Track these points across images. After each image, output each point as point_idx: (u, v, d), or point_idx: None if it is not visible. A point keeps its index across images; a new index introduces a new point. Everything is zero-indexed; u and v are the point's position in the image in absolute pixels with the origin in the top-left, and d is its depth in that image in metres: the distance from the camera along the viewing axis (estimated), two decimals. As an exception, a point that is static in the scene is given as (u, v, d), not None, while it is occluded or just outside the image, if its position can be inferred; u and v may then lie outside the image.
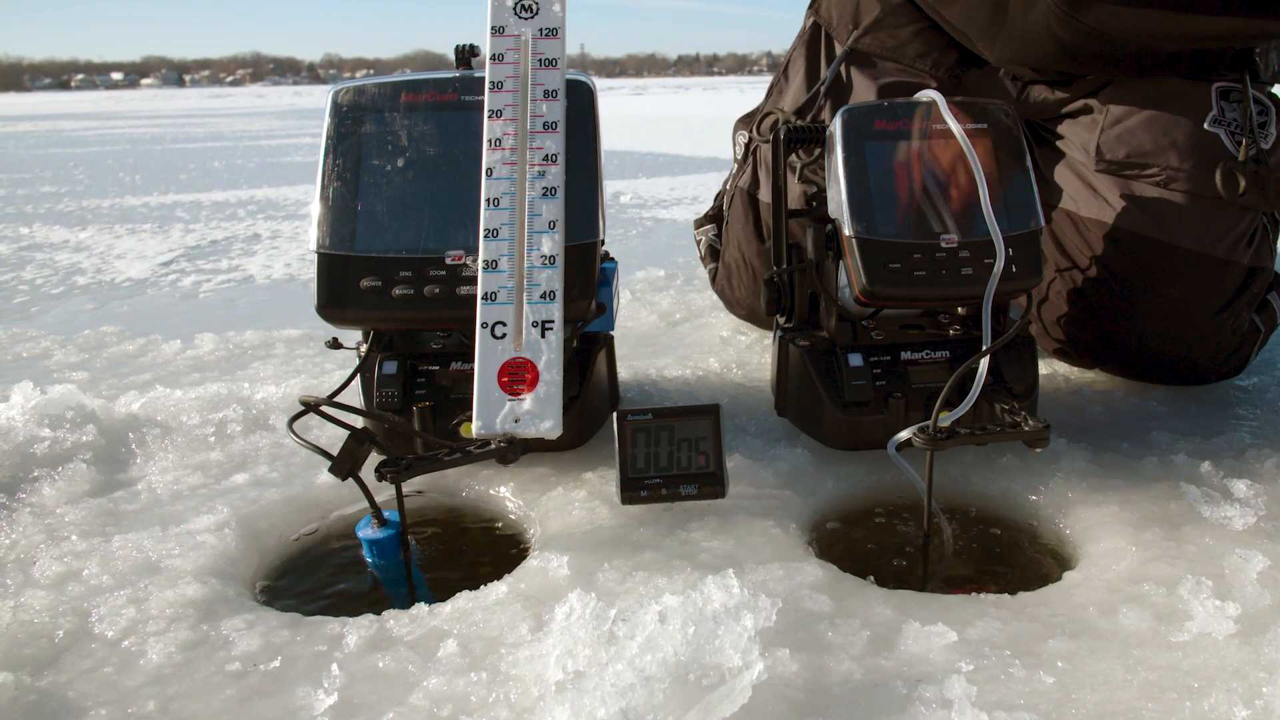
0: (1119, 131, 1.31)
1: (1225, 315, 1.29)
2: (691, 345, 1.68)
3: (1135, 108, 1.30)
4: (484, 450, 0.93)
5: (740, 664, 0.66)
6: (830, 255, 1.11)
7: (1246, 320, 1.32)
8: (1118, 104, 1.32)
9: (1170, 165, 1.26)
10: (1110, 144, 1.31)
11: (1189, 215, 1.26)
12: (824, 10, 1.51)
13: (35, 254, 2.86)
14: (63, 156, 6.69)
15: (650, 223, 3.29)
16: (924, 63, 1.40)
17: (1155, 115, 1.29)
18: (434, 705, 0.71)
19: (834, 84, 1.46)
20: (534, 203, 0.96)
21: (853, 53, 1.45)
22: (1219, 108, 1.28)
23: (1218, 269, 1.26)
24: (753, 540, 0.93)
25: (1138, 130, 1.29)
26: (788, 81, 1.56)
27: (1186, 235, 1.26)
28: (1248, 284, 1.29)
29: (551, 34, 0.99)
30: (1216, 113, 1.28)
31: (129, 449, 1.20)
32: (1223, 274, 1.27)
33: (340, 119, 1.05)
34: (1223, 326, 1.29)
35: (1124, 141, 1.30)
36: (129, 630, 0.81)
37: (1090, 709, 0.69)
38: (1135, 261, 1.28)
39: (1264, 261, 1.31)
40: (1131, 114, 1.30)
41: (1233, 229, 1.27)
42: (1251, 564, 0.85)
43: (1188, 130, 1.27)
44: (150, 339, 1.80)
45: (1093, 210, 1.31)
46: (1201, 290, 1.27)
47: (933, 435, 0.93)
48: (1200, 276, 1.26)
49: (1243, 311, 1.31)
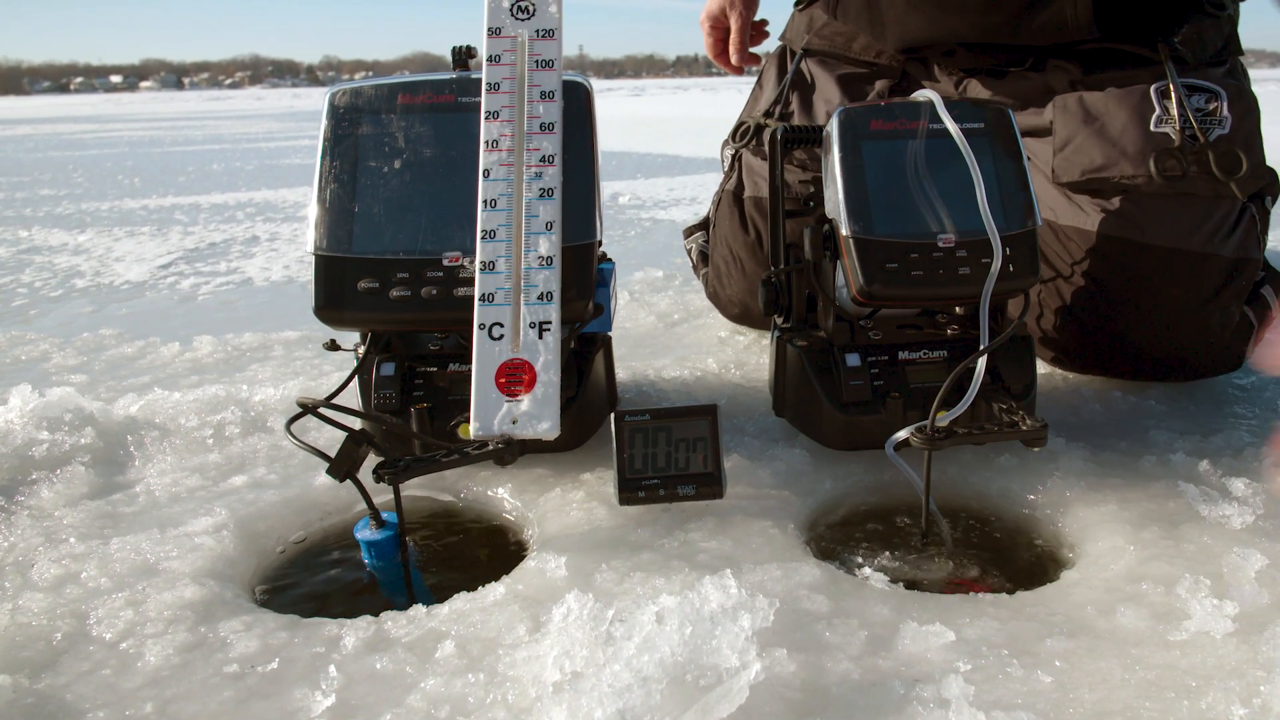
0: (1069, 153, 1.32)
1: (1210, 309, 1.28)
2: (689, 346, 1.68)
3: (1080, 124, 1.32)
4: (482, 451, 0.93)
5: (738, 664, 0.66)
6: (827, 255, 1.11)
7: (1236, 313, 1.31)
8: (1062, 123, 1.33)
9: (1126, 174, 1.27)
10: (1064, 166, 1.32)
11: (1158, 213, 1.26)
12: (787, 33, 1.69)
13: (34, 257, 2.86)
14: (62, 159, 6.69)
15: (648, 223, 3.29)
16: (868, 53, 1.55)
17: (1101, 128, 1.30)
18: (431, 706, 0.71)
19: (797, 80, 1.62)
20: (531, 204, 0.96)
21: (808, 52, 1.61)
22: (1161, 107, 1.29)
23: (1195, 263, 1.26)
24: (750, 540, 0.93)
25: (1087, 147, 1.30)
26: (761, 90, 1.70)
27: (1158, 233, 1.26)
28: (1232, 276, 1.28)
29: (548, 35, 0.99)
30: (1160, 112, 1.28)
31: (127, 451, 1.20)
32: (1201, 267, 1.26)
33: (337, 121, 1.05)
34: (1209, 320, 1.29)
35: (1076, 162, 1.31)
36: (127, 632, 0.81)
37: (1088, 708, 0.69)
38: (1114, 265, 1.29)
39: (1250, 252, 1.30)
40: (1078, 132, 1.32)
41: (1206, 221, 1.26)
42: (1249, 563, 0.85)
43: (1135, 136, 1.28)
44: (149, 341, 1.80)
45: (1070, 218, 1.32)
46: (1181, 286, 1.27)
47: (930, 435, 0.93)
48: (1178, 272, 1.26)
49: (1230, 304, 1.30)
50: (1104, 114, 1.31)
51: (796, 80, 1.61)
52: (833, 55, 1.58)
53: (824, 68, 1.59)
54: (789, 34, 1.69)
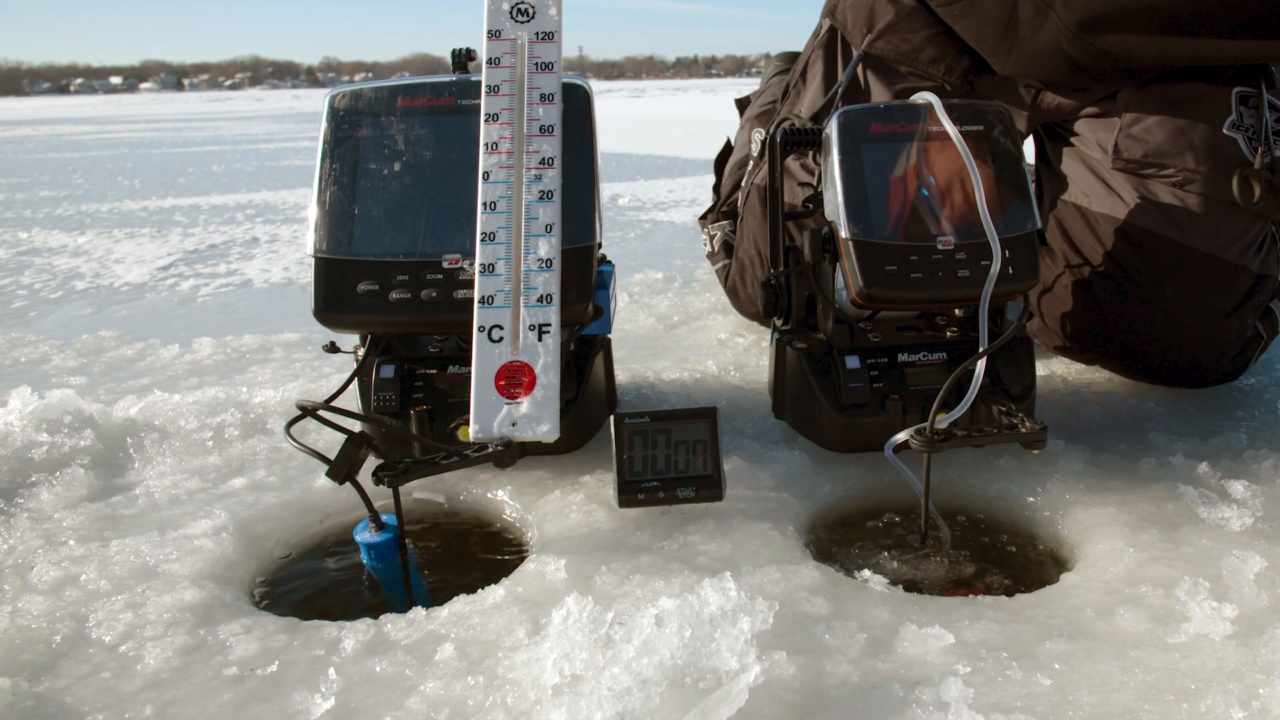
0: (1137, 131, 1.31)
1: (1232, 319, 1.29)
2: (689, 348, 1.68)
3: (1154, 109, 1.30)
4: (481, 454, 0.93)
5: (737, 667, 0.66)
6: (827, 258, 1.11)
7: (1251, 326, 1.33)
8: (1137, 104, 1.32)
9: (1187, 167, 1.27)
10: (1128, 143, 1.31)
11: (1203, 217, 1.26)
12: (839, 14, 1.49)
13: (34, 259, 2.86)
14: (61, 161, 6.69)
15: (648, 225, 3.29)
16: (937, 68, 1.38)
17: (1175, 115, 1.29)
18: (431, 709, 0.71)
19: (850, 88, 1.44)
20: (531, 206, 0.96)
21: (868, 57, 1.43)
22: (1238, 112, 1.28)
23: (1228, 272, 1.27)
24: (750, 543, 0.93)
25: (1156, 131, 1.29)
26: (805, 84, 1.53)
27: (1200, 237, 1.26)
28: (1255, 290, 1.30)
29: (548, 38, 0.99)
30: (1235, 117, 1.28)
31: (127, 454, 1.20)
32: (1233, 278, 1.27)
33: (337, 123, 1.05)
34: (1229, 330, 1.30)
35: (1142, 141, 1.30)
36: (126, 635, 0.81)
37: (1087, 711, 0.69)
38: (1146, 258, 1.28)
39: (1270, 269, 1.32)
40: (1150, 115, 1.30)
41: (1245, 234, 1.27)
42: (1249, 565, 0.85)
43: (1205, 133, 1.27)
44: (148, 343, 1.80)
45: (1105, 206, 1.31)
46: (1212, 292, 1.27)
47: (930, 437, 0.93)
48: (1211, 278, 1.27)
49: (1248, 317, 1.31)
50: (1182, 103, 1.29)
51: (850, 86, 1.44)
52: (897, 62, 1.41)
53: (881, 79, 1.42)
54: (843, 17, 1.47)
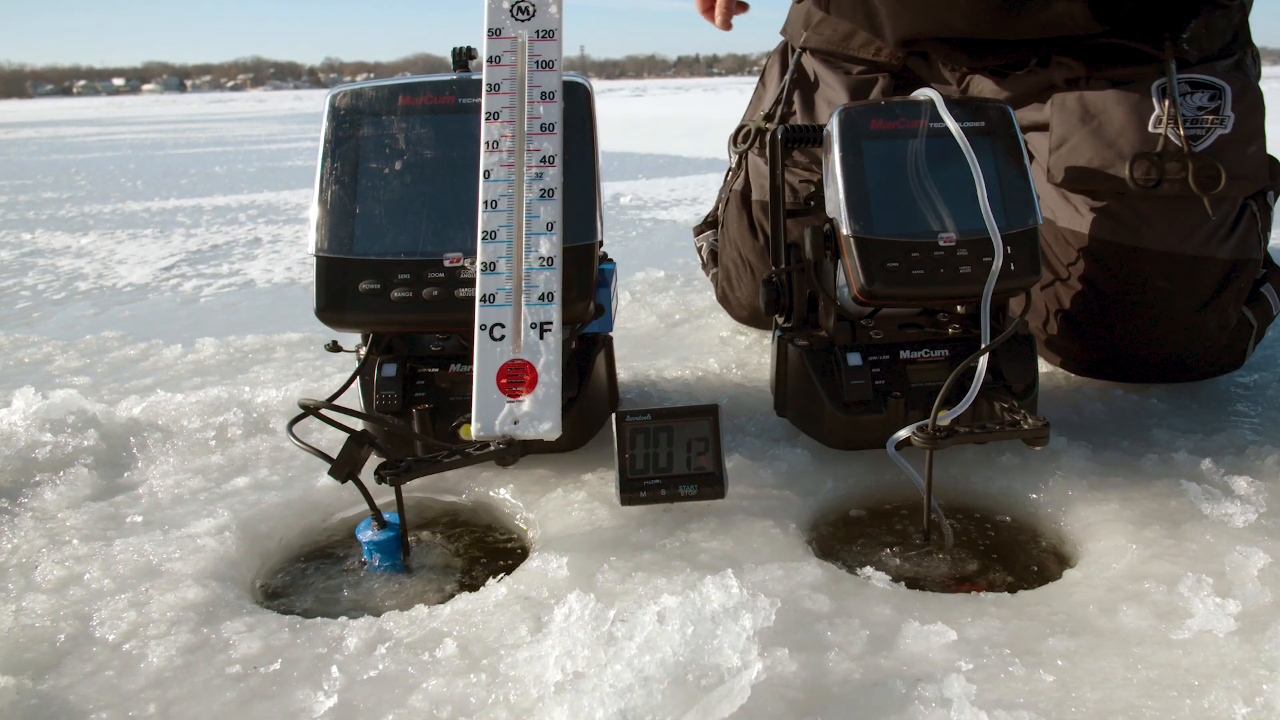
0: (1064, 152, 1.30)
1: (1208, 313, 1.27)
2: (691, 346, 1.68)
3: (1078, 123, 1.30)
4: (483, 452, 0.93)
5: (739, 664, 0.66)
6: (828, 255, 1.11)
7: (1234, 315, 1.30)
8: (1060, 121, 1.31)
9: (1121, 175, 1.26)
10: (1058, 166, 1.31)
11: (1152, 217, 1.25)
12: (786, 28, 1.65)
13: (37, 260, 2.87)
14: (64, 162, 6.70)
15: (650, 224, 3.29)
16: (868, 50, 1.50)
17: (1098, 127, 1.28)
18: (433, 707, 0.71)
19: (798, 77, 1.58)
20: (532, 205, 0.96)
21: (812, 51, 1.57)
22: (1161, 106, 1.26)
23: (1190, 266, 1.25)
24: (752, 540, 0.93)
25: (1083, 147, 1.29)
26: (765, 88, 1.66)
27: (1153, 237, 1.25)
28: (1231, 277, 1.27)
29: (548, 36, 0.99)
30: (1159, 112, 1.26)
31: (130, 453, 1.20)
32: (1197, 271, 1.25)
33: (338, 123, 1.05)
34: (1206, 324, 1.28)
35: (1072, 162, 1.30)
36: (130, 634, 0.81)
37: (1090, 707, 0.69)
38: (1108, 269, 1.28)
39: (1249, 252, 1.28)
40: (1075, 130, 1.30)
41: (1201, 224, 1.25)
42: (1252, 561, 0.85)
43: (1132, 138, 1.26)
44: (151, 344, 1.80)
45: (1067, 220, 1.31)
46: (1177, 290, 1.26)
47: (932, 434, 0.93)
48: (1174, 276, 1.25)
49: (1228, 307, 1.29)
50: (1102, 112, 1.29)
51: (798, 78, 1.57)
52: (832, 53, 1.54)
53: (827, 65, 1.55)
54: (788, 29, 1.64)
